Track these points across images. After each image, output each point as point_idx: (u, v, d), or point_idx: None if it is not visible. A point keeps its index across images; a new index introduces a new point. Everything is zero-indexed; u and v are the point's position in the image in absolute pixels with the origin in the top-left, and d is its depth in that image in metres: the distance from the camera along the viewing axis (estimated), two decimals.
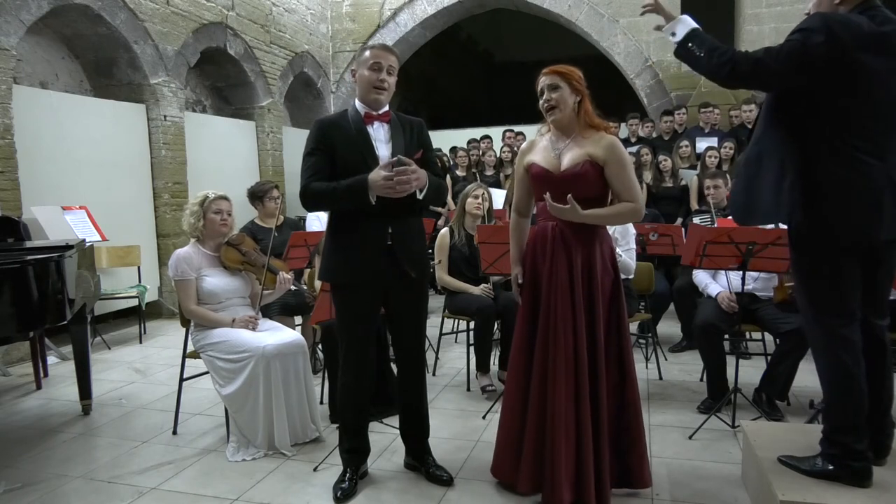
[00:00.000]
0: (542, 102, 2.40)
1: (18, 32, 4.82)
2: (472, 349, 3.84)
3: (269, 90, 8.00)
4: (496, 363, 3.95)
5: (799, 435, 2.49)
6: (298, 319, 4.47)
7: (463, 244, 3.95)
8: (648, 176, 6.26)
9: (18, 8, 4.77)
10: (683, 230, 4.51)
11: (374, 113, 2.50)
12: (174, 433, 3.26)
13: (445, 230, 4.05)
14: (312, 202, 2.52)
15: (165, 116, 6.25)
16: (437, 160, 2.72)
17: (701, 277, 3.69)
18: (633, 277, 3.87)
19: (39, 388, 4.13)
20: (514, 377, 2.48)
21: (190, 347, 3.19)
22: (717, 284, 3.60)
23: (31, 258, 3.08)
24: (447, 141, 8.44)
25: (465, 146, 7.80)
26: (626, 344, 2.42)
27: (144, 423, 3.46)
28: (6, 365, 4.57)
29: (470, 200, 3.97)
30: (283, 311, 4.05)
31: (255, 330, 3.09)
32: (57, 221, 4.76)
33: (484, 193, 4.02)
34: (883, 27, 1.94)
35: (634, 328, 4.59)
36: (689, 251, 3.31)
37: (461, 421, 3.34)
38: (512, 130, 8.11)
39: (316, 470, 2.78)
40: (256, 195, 4.53)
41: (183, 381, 3.31)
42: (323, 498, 2.55)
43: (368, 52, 2.47)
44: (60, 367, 4.56)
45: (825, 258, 2.08)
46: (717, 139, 6.82)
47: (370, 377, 2.65)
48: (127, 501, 2.58)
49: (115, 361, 4.76)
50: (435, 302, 4.46)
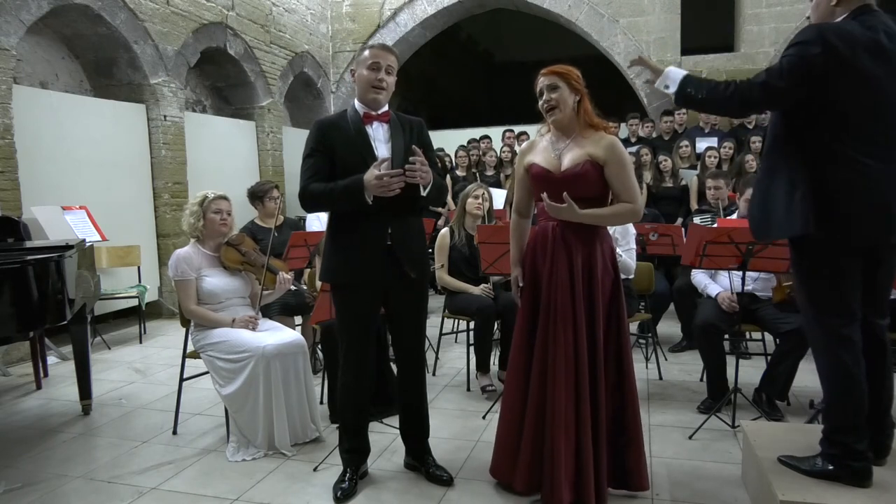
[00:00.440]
0: (541, 103, 2.40)
1: (18, 32, 4.82)
2: (472, 349, 3.84)
3: (269, 90, 8.00)
4: (496, 363, 3.95)
5: (799, 435, 2.49)
6: (298, 319, 4.47)
7: (463, 244, 3.95)
8: (648, 176, 6.26)
9: (18, 8, 4.77)
10: (683, 230, 4.51)
11: (373, 113, 2.50)
12: (174, 433, 3.26)
13: (445, 230, 4.05)
14: (311, 203, 2.53)
15: (165, 116, 6.25)
16: (436, 160, 2.72)
17: (700, 278, 3.69)
18: (633, 277, 3.87)
19: (39, 388, 4.13)
20: (513, 377, 2.48)
21: (190, 347, 3.19)
22: (716, 285, 3.60)
23: (31, 258, 3.08)
24: (447, 141, 8.44)
25: (465, 146, 7.80)
26: (625, 344, 2.42)
27: (144, 423, 3.46)
28: (6, 365, 4.57)
29: (470, 201, 3.97)
30: (283, 311, 4.05)
31: (255, 330, 3.09)
32: (57, 221, 4.76)
33: (484, 193, 4.02)
34: (876, 33, 1.96)
35: (634, 328, 4.59)
36: (689, 251, 3.31)
37: (461, 421, 3.34)
38: (512, 130, 8.11)
39: (316, 470, 2.78)
40: (256, 195, 4.53)
41: (183, 381, 3.31)
42: (323, 498, 2.55)
43: (367, 51, 2.47)
44: (60, 367, 4.56)
45: (827, 259, 2.09)
46: (717, 139, 6.82)
47: (370, 377, 2.65)
48: (127, 501, 2.58)
49: (115, 361, 4.77)
50: (435, 302, 4.46)
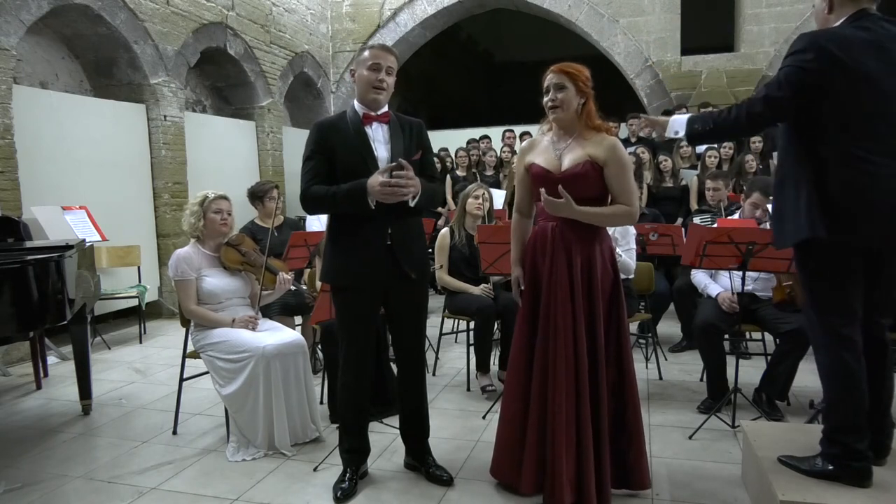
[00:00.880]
0: (546, 100, 2.39)
1: (18, 32, 4.82)
2: (472, 349, 3.84)
3: (269, 90, 8.00)
4: (496, 363, 3.95)
5: (799, 435, 2.49)
6: (298, 319, 4.48)
7: (463, 244, 3.95)
8: (648, 176, 6.26)
9: (18, 8, 4.77)
10: (683, 230, 4.51)
11: (372, 113, 2.50)
12: (174, 433, 3.26)
13: (445, 230, 4.05)
14: (313, 206, 2.53)
15: (165, 116, 6.25)
16: (434, 162, 2.73)
17: (700, 278, 3.69)
18: (633, 277, 3.87)
19: (39, 388, 4.13)
20: (513, 377, 2.48)
21: (190, 347, 3.19)
22: (716, 285, 3.60)
23: (31, 258, 3.08)
24: (447, 141, 8.44)
25: (464, 146, 7.80)
26: (625, 344, 2.42)
27: (144, 423, 3.46)
28: (6, 365, 4.57)
29: (471, 201, 3.97)
30: (283, 311, 4.05)
31: (254, 330, 3.09)
32: (57, 221, 4.76)
33: (484, 194, 4.02)
34: (872, 34, 1.98)
35: (634, 328, 4.59)
36: (689, 251, 3.31)
37: (461, 421, 3.34)
38: (512, 130, 8.10)
39: (316, 470, 2.78)
40: (256, 195, 4.53)
41: (183, 381, 3.31)
42: (323, 498, 2.55)
43: (367, 52, 2.47)
44: (60, 367, 4.56)
45: (831, 259, 2.09)
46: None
47: (370, 377, 2.65)
48: (127, 501, 2.58)
49: (115, 361, 4.77)
50: (435, 302, 4.45)
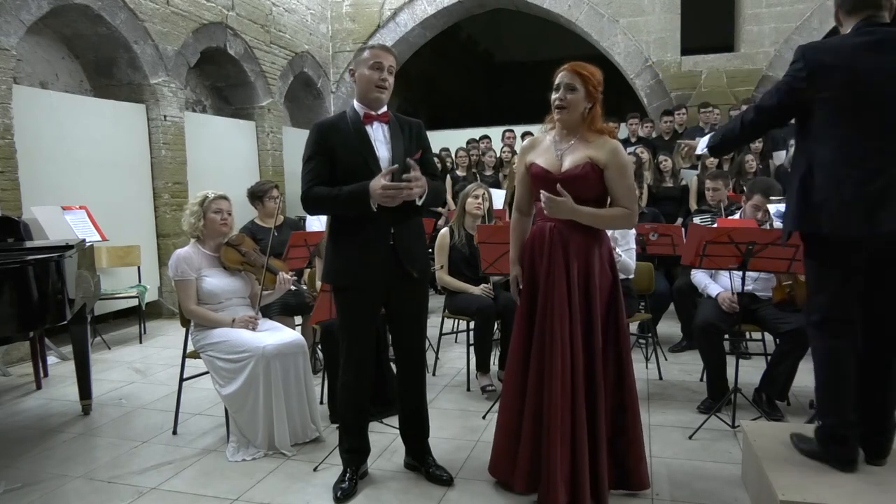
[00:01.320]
0: (554, 97, 2.37)
1: (18, 32, 4.82)
2: (472, 349, 3.84)
3: (269, 90, 8.00)
4: (496, 363, 3.95)
5: None
6: (298, 319, 4.48)
7: (463, 244, 3.95)
8: (649, 176, 6.25)
9: (18, 8, 4.77)
10: (683, 230, 4.51)
11: (373, 113, 2.50)
12: (174, 433, 3.26)
13: (445, 230, 4.05)
14: (314, 207, 2.53)
15: (165, 116, 6.25)
16: (434, 161, 2.73)
17: (700, 278, 3.69)
18: (633, 277, 3.87)
19: (39, 388, 4.13)
20: (511, 375, 2.48)
21: (190, 347, 3.20)
22: (716, 285, 3.60)
23: (31, 258, 3.08)
24: (447, 141, 8.44)
25: (464, 146, 7.80)
26: (624, 345, 2.42)
27: (144, 423, 3.46)
28: (6, 365, 4.57)
29: (470, 200, 3.97)
30: (283, 311, 4.05)
31: (254, 330, 3.09)
32: (57, 221, 4.76)
33: (484, 193, 4.02)
34: (869, 37, 2.07)
35: (634, 328, 4.59)
36: (689, 251, 3.31)
37: (461, 421, 3.34)
38: (512, 130, 8.09)
39: (316, 470, 2.78)
40: (256, 195, 4.53)
41: (183, 381, 3.31)
42: (323, 498, 2.55)
43: (368, 51, 2.47)
44: (60, 367, 4.56)
45: (824, 251, 2.15)
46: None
47: (370, 377, 2.65)
48: (127, 501, 2.58)
49: (115, 361, 4.77)
50: (435, 302, 4.45)
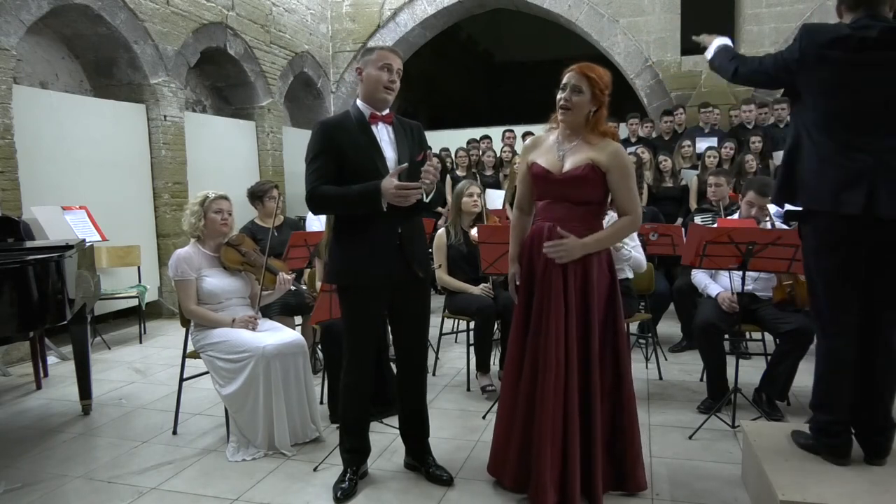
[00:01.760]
0: (559, 97, 2.37)
1: (18, 32, 4.82)
2: (472, 349, 3.84)
3: (269, 90, 8.00)
4: (496, 363, 3.95)
5: None
6: (298, 319, 4.48)
7: (460, 242, 3.96)
8: (649, 176, 6.25)
9: (18, 8, 4.77)
10: (683, 230, 4.51)
11: (378, 114, 2.49)
12: (174, 433, 3.26)
13: (442, 231, 4.04)
14: (321, 206, 2.52)
15: (165, 116, 6.25)
16: (440, 161, 2.73)
17: (700, 278, 3.69)
18: (633, 278, 3.88)
19: (39, 388, 4.13)
20: (508, 374, 2.49)
21: (190, 347, 3.20)
22: (716, 285, 3.60)
23: (31, 258, 3.08)
24: (447, 141, 8.44)
25: (464, 146, 7.79)
26: (622, 346, 2.42)
27: (144, 423, 3.46)
28: (6, 365, 4.57)
29: (466, 200, 3.97)
30: (283, 311, 4.05)
31: (254, 330, 3.09)
32: (57, 221, 4.76)
33: (477, 190, 4.04)
34: (860, 31, 2.12)
35: (634, 328, 4.59)
36: (689, 251, 3.31)
37: (461, 421, 3.34)
38: (512, 130, 8.09)
39: (316, 470, 2.78)
40: (256, 195, 4.53)
41: (183, 381, 3.31)
42: (323, 498, 2.55)
43: (378, 52, 2.46)
44: (60, 367, 4.56)
45: (828, 245, 2.17)
46: (717, 139, 6.82)
47: (371, 377, 2.65)
48: (127, 501, 2.58)
49: (115, 361, 4.77)
50: (435, 302, 4.43)
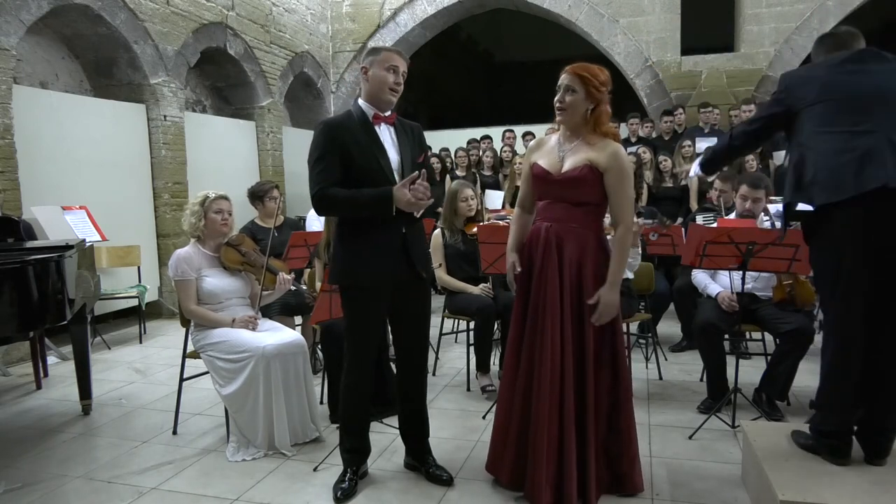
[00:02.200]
0: (555, 99, 2.38)
1: (18, 32, 4.82)
2: (472, 349, 3.84)
3: (269, 90, 8.00)
4: (496, 363, 3.95)
5: None
6: (298, 319, 4.48)
7: (458, 241, 3.95)
8: (649, 176, 6.25)
9: (18, 8, 4.77)
10: (683, 230, 4.51)
11: (381, 114, 2.49)
12: (174, 433, 3.26)
13: (437, 232, 4.04)
14: (329, 208, 2.51)
15: (165, 116, 6.25)
16: (432, 165, 2.72)
17: (700, 278, 3.69)
18: (633, 278, 3.87)
19: (39, 388, 4.13)
20: (507, 372, 2.50)
21: (190, 347, 3.19)
22: (716, 284, 3.60)
23: (31, 258, 3.08)
24: (447, 141, 8.43)
25: (464, 146, 7.79)
26: (619, 348, 2.42)
27: (144, 423, 3.46)
28: (6, 365, 4.57)
29: (462, 205, 3.96)
30: (283, 311, 4.05)
31: (254, 330, 3.09)
32: (57, 221, 4.76)
33: (471, 193, 4.04)
34: (835, 58, 2.28)
35: (634, 328, 4.59)
36: (689, 251, 3.31)
37: (461, 421, 3.34)
38: (512, 130, 8.09)
39: (316, 470, 2.78)
40: (256, 195, 4.53)
41: (183, 381, 3.31)
42: (323, 498, 2.55)
43: (385, 53, 2.45)
44: (60, 367, 4.56)
45: (840, 241, 2.16)
46: (716, 139, 6.81)
47: (372, 377, 2.65)
48: (127, 501, 2.58)
49: (115, 361, 4.77)
50: (435, 302, 4.44)
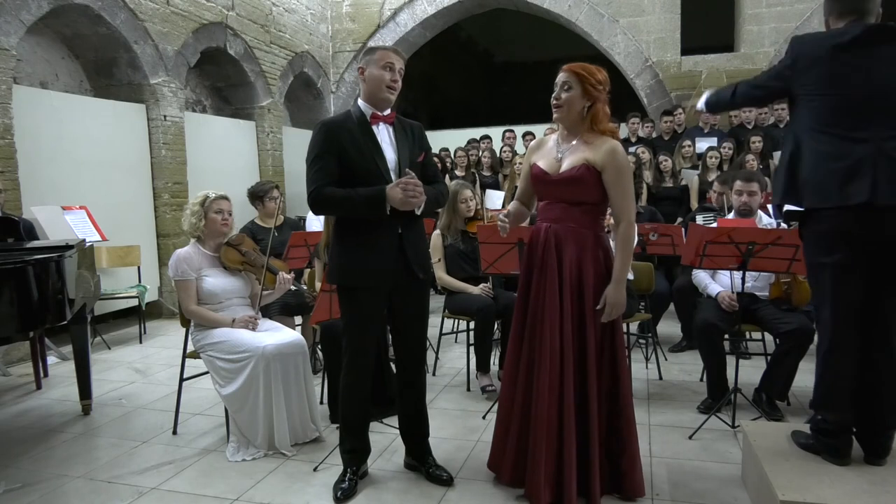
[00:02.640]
0: (552, 97, 2.38)
1: (18, 32, 4.82)
2: (472, 349, 3.84)
3: (269, 90, 8.00)
4: (496, 363, 3.95)
5: None
6: (298, 319, 4.48)
7: (458, 240, 3.95)
8: (649, 176, 6.25)
9: (18, 8, 4.77)
10: (683, 230, 4.51)
11: (379, 114, 2.49)
12: (174, 433, 3.26)
13: (436, 233, 4.03)
14: (324, 208, 2.52)
15: (165, 116, 6.25)
16: (435, 163, 2.73)
17: (701, 277, 3.69)
18: (632, 278, 3.87)
19: (39, 388, 4.13)
20: (507, 373, 2.50)
21: (190, 347, 3.20)
22: (716, 284, 3.60)
23: (31, 258, 3.08)
24: (447, 141, 8.44)
25: (464, 146, 7.79)
26: (619, 349, 2.42)
27: (144, 423, 3.46)
28: (6, 365, 4.57)
29: (461, 206, 3.96)
30: (283, 311, 4.05)
31: (254, 330, 3.09)
32: (57, 221, 4.76)
33: (471, 194, 4.05)
34: (843, 36, 2.20)
35: (634, 328, 4.59)
36: (688, 251, 3.31)
37: (461, 421, 3.34)
38: (512, 130, 8.10)
39: (316, 470, 2.78)
40: (256, 195, 4.54)
41: (183, 381, 3.31)
42: (323, 498, 2.55)
43: (380, 52, 2.46)
44: (60, 367, 4.56)
45: (832, 242, 2.18)
46: (716, 139, 6.82)
47: (371, 377, 2.65)
48: (127, 501, 2.58)
49: (115, 361, 4.77)
50: (435, 302, 4.45)
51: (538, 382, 2.33)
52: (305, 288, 4.01)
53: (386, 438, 3.03)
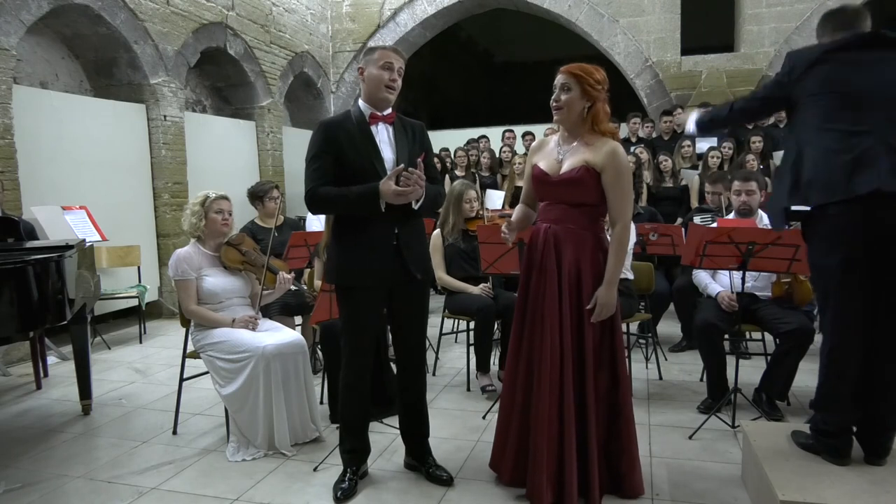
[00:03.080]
0: (552, 99, 2.38)
1: (18, 32, 4.82)
2: (472, 349, 3.84)
3: (269, 90, 8.00)
4: (496, 363, 3.95)
5: None
6: (298, 319, 4.48)
7: (458, 239, 3.96)
8: (648, 176, 6.25)
9: (18, 8, 4.77)
10: (683, 230, 4.51)
11: (379, 114, 2.49)
12: (174, 433, 3.26)
13: (436, 233, 4.04)
14: (320, 206, 2.52)
15: (165, 116, 6.25)
16: (435, 163, 2.73)
17: (701, 277, 3.69)
18: (632, 278, 3.87)
19: (39, 388, 4.13)
20: (508, 373, 2.50)
21: (190, 347, 3.20)
22: (717, 284, 3.60)
23: (31, 258, 3.08)
24: (447, 141, 8.43)
25: (464, 146, 7.79)
26: (619, 349, 2.42)
27: (144, 423, 3.46)
28: (6, 365, 4.57)
29: (465, 206, 3.97)
30: (283, 311, 4.05)
31: (255, 330, 3.09)
32: (57, 221, 4.76)
33: (475, 195, 4.06)
34: (841, 41, 2.26)
35: (634, 328, 4.59)
36: (688, 251, 3.31)
37: (461, 421, 3.34)
38: (512, 130, 8.10)
39: (316, 470, 2.78)
40: (256, 195, 4.54)
41: (183, 381, 3.31)
42: (323, 498, 2.55)
43: (379, 51, 2.46)
44: (60, 367, 4.56)
45: (836, 240, 2.17)
46: (716, 139, 6.82)
47: (371, 377, 2.65)
48: (127, 501, 2.58)
49: (115, 361, 4.77)
50: (435, 302, 4.45)
51: (538, 382, 2.33)
52: (305, 288, 4.01)
53: (386, 438, 3.03)
